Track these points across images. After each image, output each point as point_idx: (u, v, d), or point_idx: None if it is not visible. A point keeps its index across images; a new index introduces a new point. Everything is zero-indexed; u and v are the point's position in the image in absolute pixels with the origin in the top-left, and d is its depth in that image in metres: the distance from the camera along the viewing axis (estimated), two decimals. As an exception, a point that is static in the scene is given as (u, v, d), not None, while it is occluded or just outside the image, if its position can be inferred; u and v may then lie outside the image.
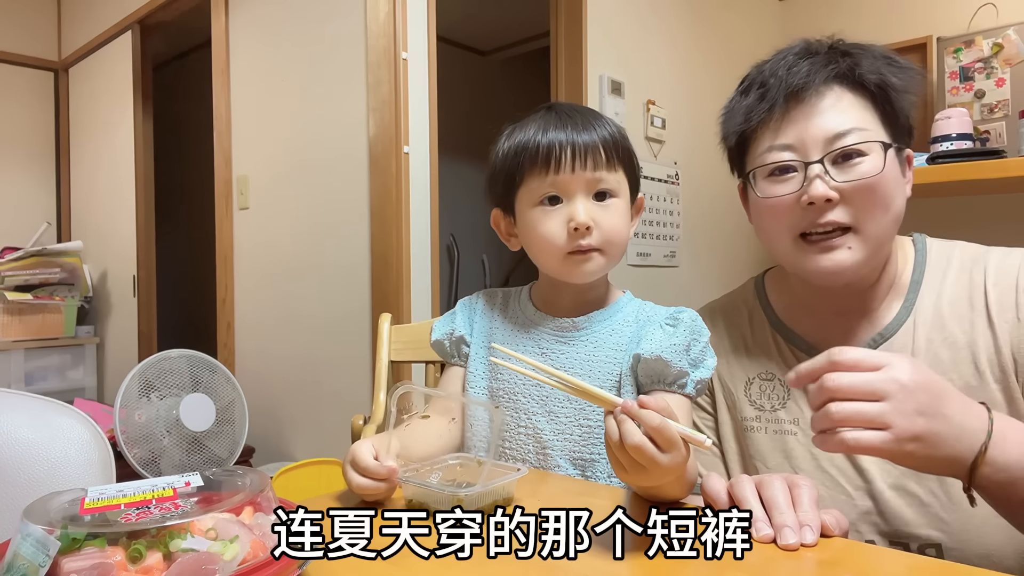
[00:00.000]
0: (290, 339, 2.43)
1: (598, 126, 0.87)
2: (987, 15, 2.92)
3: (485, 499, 0.67)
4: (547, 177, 0.85)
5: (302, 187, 2.36)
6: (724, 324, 0.99)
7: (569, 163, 0.84)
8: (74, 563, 0.45)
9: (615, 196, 0.87)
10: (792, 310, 0.94)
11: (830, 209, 0.79)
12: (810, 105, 0.80)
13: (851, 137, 0.79)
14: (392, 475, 0.70)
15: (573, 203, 0.85)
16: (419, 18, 2.03)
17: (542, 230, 0.87)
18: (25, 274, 3.16)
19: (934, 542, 0.79)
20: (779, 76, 0.82)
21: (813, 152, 0.79)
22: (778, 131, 0.82)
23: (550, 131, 0.85)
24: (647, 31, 2.84)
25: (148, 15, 3.15)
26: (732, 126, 0.88)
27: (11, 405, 0.86)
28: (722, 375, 0.96)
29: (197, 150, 3.69)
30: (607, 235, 0.86)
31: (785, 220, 0.82)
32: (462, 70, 4.34)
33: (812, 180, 0.78)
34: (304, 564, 0.50)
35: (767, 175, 0.84)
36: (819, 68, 0.81)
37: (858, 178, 0.78)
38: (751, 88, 0.86)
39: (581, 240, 0.84)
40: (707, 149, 3.24)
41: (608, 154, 0.86)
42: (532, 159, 0.86)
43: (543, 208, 0.86)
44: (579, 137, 0.84)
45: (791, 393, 0.89)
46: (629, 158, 0.91)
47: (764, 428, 0.91)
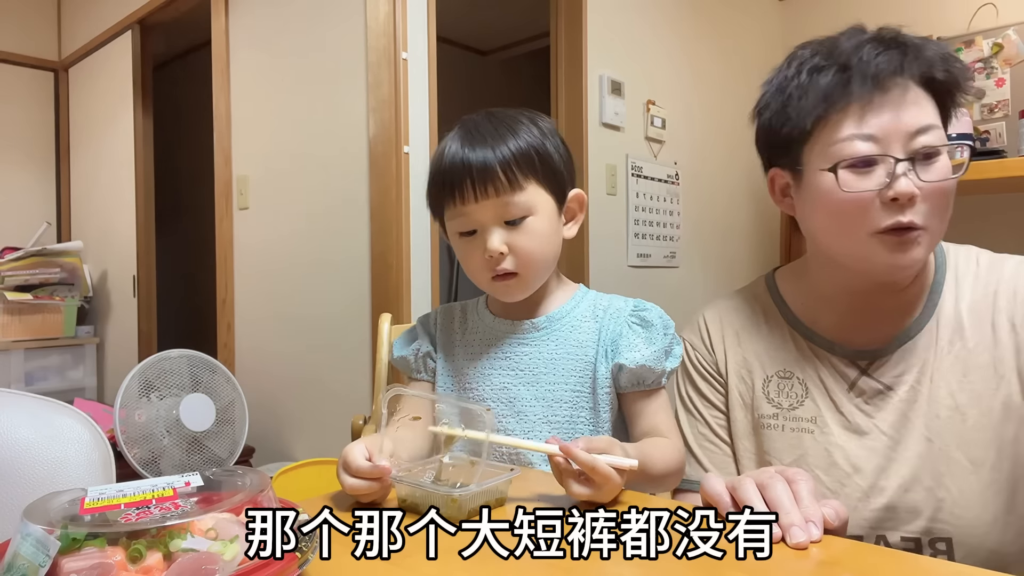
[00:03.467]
0: (290, 339, 2.43)
1: (504, 142, 0.85)
2: (987, 15, 2.92)
3: (479, 499, 0.67)
4: (456, 208, 0.87)
5: (302, 187, 2.36)
6: (739, 321, 0.98)
7: (471, 194, 0.85)
8: (74, 563, 0.45)
9: (529, 215, 0.86)
10: (810, 308, 0.92)
11: (911, 207, 0.76)
12: (894, 97, 0.77)
13: (932, 135, 0.77)
14: (385, 475, 0.70)
15: (485, 232, 0.86)
16: (419, 18, 2.03)
17: (464, 261, 0.91)
18: (25, 274, 3.16)
19: (945, 536, 0.80)
20: (865, 61, 0.77)
21: (894, 145, 0.76)
22: (861, 119, 0.77)
23: (454, 160, 0.86)
24: (647, 31, 2.84)
25: (148, 15, 3.15)
26: (805, 107, 0.80)
27: (11, 405, 0.86)
28: (739, 372, 0.95)
29: (197, 150, 3.69)
30: (523, 259, 0.87)
31: (861, 215, 0.78)
32: (462, 70, 4.34)
33: (899, 177, 0.75)
34: (304, 564, 0.50)
35: (849, 165, 0.78)
36: (909, 60, 0.77)
37: (940, 179, 0.76)
38: (823, 69, 0.79)
39: (497, 267, 0.87)
40: (707, 149, 3.25)
41: (511, 175, 0.84)
42: (440, 193, 0.88)
43: (462, 239, 0.89)
44: (480, 164, 0.84)
45: (809, 391, 0.89)
46: (547, 166, 0.88)
47: (781, 426, 0.90)
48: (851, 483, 0.84)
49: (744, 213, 3.41)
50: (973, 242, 0.90)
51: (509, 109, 0.93)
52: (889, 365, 0.85)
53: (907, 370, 0.84)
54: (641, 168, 2.77)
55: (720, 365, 0.97)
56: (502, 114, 0.90)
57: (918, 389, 0.83)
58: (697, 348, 1.00)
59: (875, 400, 0.85)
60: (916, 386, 0.83)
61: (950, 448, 0.81)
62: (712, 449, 0.96)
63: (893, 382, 0.84)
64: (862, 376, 0.86)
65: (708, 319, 1.01)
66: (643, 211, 2.79)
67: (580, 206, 0.94)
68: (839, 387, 0.87)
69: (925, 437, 0.82)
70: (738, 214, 3.37)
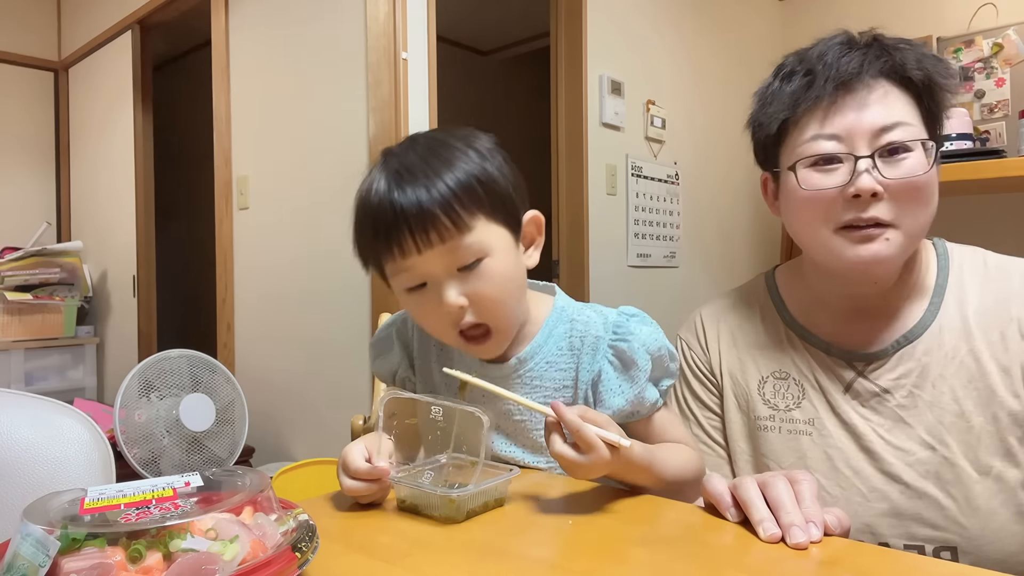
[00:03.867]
0: (290, 339, 2.43)
1: (439, 177, 0.73)
2: (987, 15, 2.92)
3: (478, 500, 0.67)
4: (397, 264, 0.76)
5: (302, 187, 2.36)
6: (735, 321, 0.97)
7: (412, 245, 0.73)
8: (74, 563, 0.45)
9: (484, 256, 0.75)
10: (808, 308, 0.92)
11: (874, 203, 0.77)
12: (859, 97, 0.79)
13: (898, 132, 0.78)
14: (384, 476, 0.69)
15: (437, 285, 0.75)
16: (419, 18, 2.03)
17: (420, 319, 0.81)
18: (25, 274, 3.16)
19: (950, 545, 0.79)
20: (828, 64, 0.79)
21: (860, 144, 0.78)
22: (825, 120, 0.80)
23: (383, 204, 0.74)
24: (647, 31, 2.84)
25: (148, 15, 3.15)
26: (773, 112, 0.84)
27: (11, 405, 0.86)
28: (734, 373, 0.94)
29: (197, 150, 3.69)
30: (487, 307, 0.76)
31: (826, 212, 0.80)
32: (462, 70, 4.34)
33: (860, 173, 0.77)
34: (304, 564, 0.50)
35: (810, 164, 0.80)
36: (871, 60, 0.79)
37: (905, 175, 0.77)
38: (794, 74, 0.82)
39: (461, 322, 0.77)
40: (707, 149, 3.25)
41: (454, 216, 0.72)
42: (373, 244, 0.78)
43: (412, 295, 0.78)
44: (415, 208, 0.72)
45: (806, 392, 0.88)
46: (493, 194, 0.76)
47: (778, 428, 0.89)
48: (852, 487, 0.83)
49: (744, 213, 3.41)
50: (973, 242, 0.90)
51: (437, 133, 0.82)
52: (887, 368, 0.84)
53: (906, 374, 0.83)
54: (641, 168, 2.77)
55: (714, 365, 0.96)
56: (431, 142, 0.78)
57: (917, 394, 0.82)
58: (692, 348, 0.99)
59: (872, 403, 0.84)
60: (915, 391, 0.82)
61: (955, 455, 0.80)
62: (705, 451, 0.95)
63: (891, 386, 0.83)
64: (858, 378, 0.85)
65: (704, 318, 1.00)
66: (643, 211, 2.79)
67: (538, 228, 0.83)
68: (835, 389, 0.86)
69: (928, 443, 0.81)
70: (738, 214, 3.37)
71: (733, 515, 0.63)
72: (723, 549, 0.60)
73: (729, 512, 0.63)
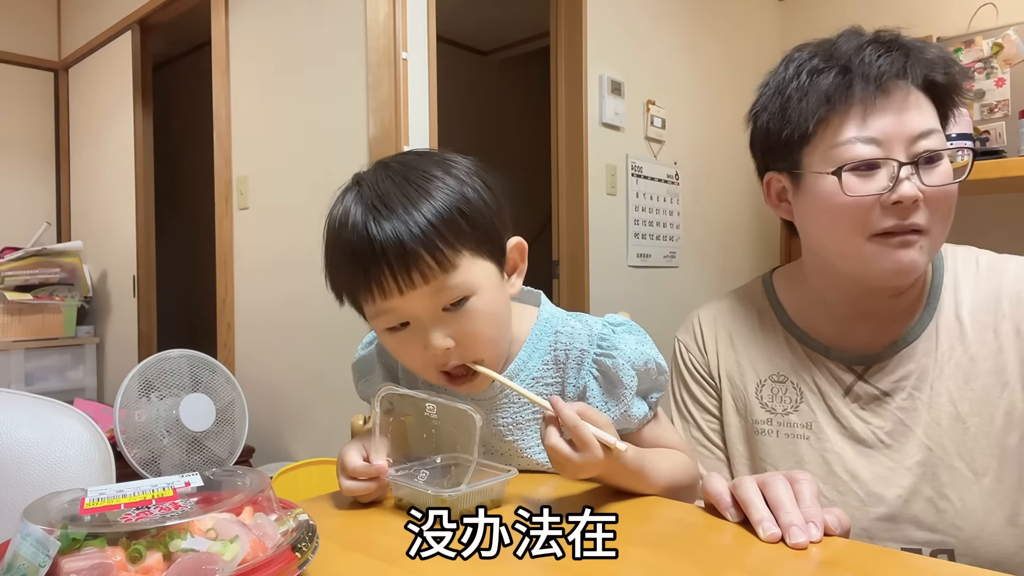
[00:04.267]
0: (290, 339, 2.43)
1: (419, 211, 0.67)
2: (987, 15, 2.92)
3: (472, 500, 0.67)
4: (376, 306, 0.71)
5: (302, 187, 2.36)
6: (733, 323, 0.97)
7: (394, 287, 0.68)
8: (74, 563, 0.45)
9: (470, 295, 0.70)
10: (806, 311, 0.91)
11: (914, 211, 0.76)
12: (897, 100, 0.76)
13: (933, 139, 0.76)
14: (381, 474, 0.69)
15: (421, 327, 0.71)
16: (419, 18, 2.03)
17: (401, 358, 0.77)
18: (25, 274, 3.16)
19: (946, 548, 0.79)
20: (867, 63, 0.76)
21: (897, 149, 0.76)
22: (863, 122, 0.77)
23: (361, 239, 0.68)
24: (647, 31, 2.84)
25: (148, 15, 3.15)
26: (805, 109, 0.79)
27: (11, 405, 0.86)
28: (732, 376, 0.93)
29: (197, 150, 3.69)
30: (474, 347, 0.72)
31: (862, 219, 0.77)
32: (462, 70, 4.34)
33: (902, 180, 0.75)
34: (304, 564, 0.50)
35: (853, 168, 0.77)
36: (912, 64, 0.77)
37: (943, 183, 0.76)
38: (824, 71, 0.78)
39: (446, 364, 0.73)
40: (707, 149, 3.25)
41: (438, 255, 0.67)
42: (351, 285, 0.73)
43: (392, 334, 0.73)
44: (395, 246, 0.66)
45: (804, 396, 0.87)
46: (477, 226, 0.71)
47: (775, 432, 0.88)
48: (849, 491, 0.83)
49: (744, 213, 3.41)
50: (972, 243, 0.90)
51: (410, 157, 0.76)
52: (887, 371, 0.84)
53: (905, 376, 0.83)
54: (641, 168, 2.77)
55: (712, 368, 0.95)
56: (406, 169, 0.72)
57: (917, 396, 0.82)
58: (691, 349, 0.98)
59: (871, 406, 0.84)
60: (915, 393, 0.82)
61: (951, 457, 0.79)
62: (704, 453, 0.95)
63: (891, 388, 0.83)
64: (858, 381, 0.85)
65: (702, 320, 0.99)
66: (643, 211, 2.79)
67: (521, 256, 0.79)
68: (835, 392, 0.86)
69: (925, 446, 0.80)
70: (738, 214, 3.37)
71: (733, 515, 0.63)
72: (723, 549, 0.60)
73: (729, 512, 0.63)
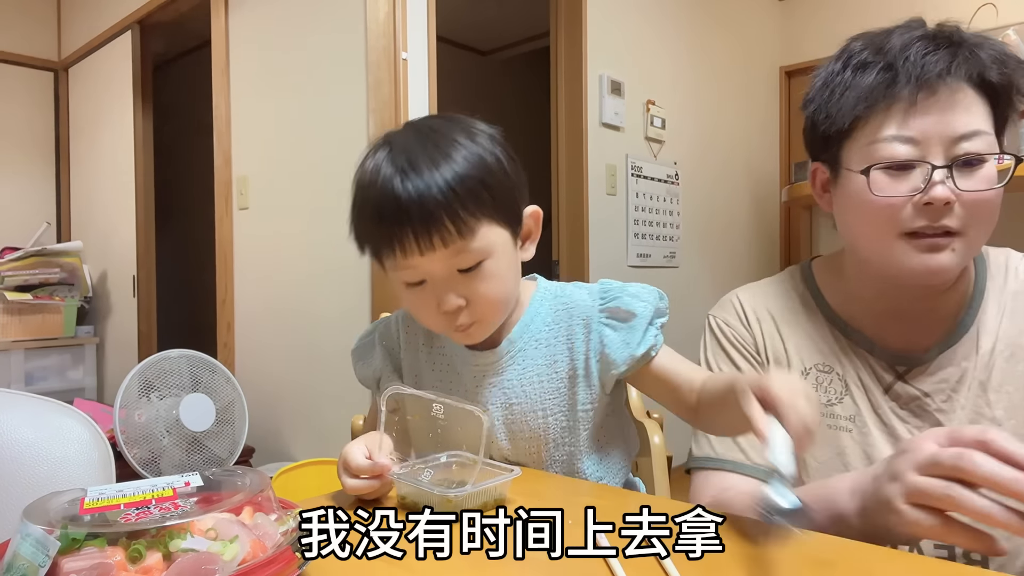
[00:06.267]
0: (290, 339, 2.43)
1: (444, 175, 0.72)
2: (987, 15, 2.92)
3: (476, 499, 0.67)
4: (397, 261, 0.76)
5: (302, 187, 2.36)
6: (775, 307, 0.93)
7: (415, 247, 0.73)
8: (74, 563, 0.45)
9: (486, 259, 0.76)
10: (849, 306, 0.89)
11: (946, 213, 0.74)
12: (941, 99, 0.74)
13: (976, 142, 0.74)
14: (385, 472, 0.69)
15: (436, 286, 0.76)
16: (419, 18, 2.04)
17: (414, 311, 0.82)
18: (25, 274, 3.16)
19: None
20: (912, 62, 0.74)
21: (935, 149, 0.74)
22: (903, 121, 0.75)
23: (387, 196, 0.73)
24: (647, 31, 2.84)
25: (148, 15, 3.15)
26: (846, 104, 0.78)
27: (11, 405, 0.86)
28: (779, 358, 0.90)
29: (197, 150, 3.69)
30: (483, 307, 0.78)
31: (893, 217, 0.76)
32: (462, 70, 4.34)
33: (935, 184, 0.73)
34: (304, 564, 0.50)
35: (884, 167, 0.76)
36: (959, 63, 0.74)
37: (980, 187, 0.74)
38: (869, 65, 0.77)
39: (456, 321, 0.78)
40: (707, 149, 3.25)
41: (459, 222, 0.73)
42: (374, 239, 0.78)
43: (410, 289, 0.79)
44: (418, 208, 0.72)
45: (849, 388, 0.85)
46: (498, 193, 0.76)
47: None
48: None
49: (744, 213, 3.41)
50: None
51: (439, 122, 0.80)
52: (928, 373, 0.82)
53: (946, 379, 0.82)
54: (641, 168, 2.77)
55: (760, 345, 0.92)
56: (434, 133, 0.77)
57: (955, 398, 0.81)
58: (732, 325, 0.94)
59: (911, 406, 0.83)
60: (953, 395, 0.81)
61: None
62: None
63: (931, 389, 0.82)
64: (898, 381, 0.84)
65: (742, 299, 0.95)
66: (643, 211, 2.79)
67: (536, 223, 0.84)
68: (876, 388, 0.85)
69: None
70: (738, 214, 3.37)
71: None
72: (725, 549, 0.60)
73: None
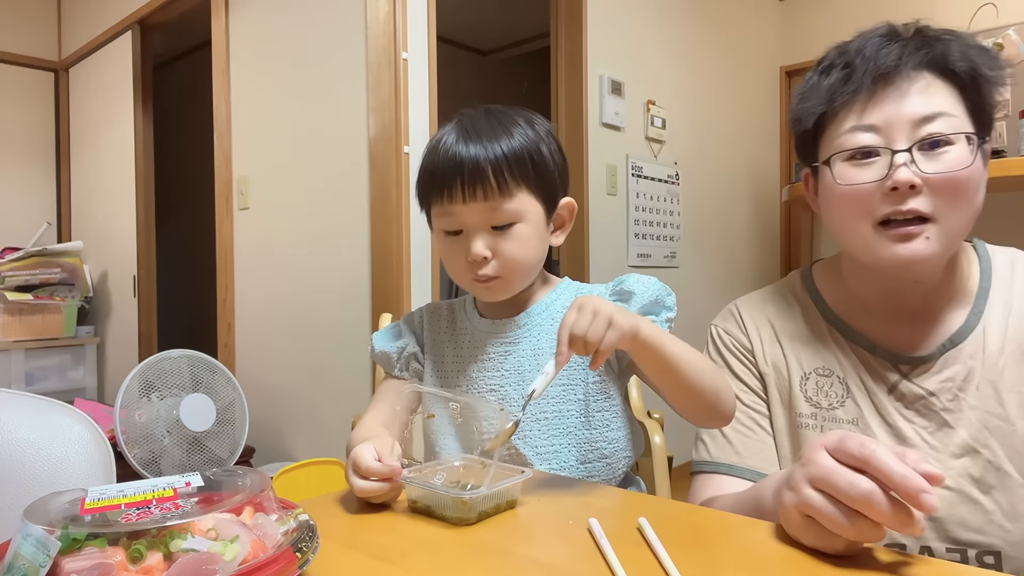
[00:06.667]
0: (290, 339, 2.43)
1: (499, 143, 0.84)
2: (987, 15, 2.92)
3: (489, 501, 0.67)
4: (443, 206, 0.87)
5: (302, 187, 2.36)
6: (774, 314, 0.94)
7: (460, 195, 0.84)
8: (74, 563, 0.45)
9: (517, 222, 0.86)
10: (849, 307, 0.89)
11: (912, 196, 0.75)
12: (899, 88, 0.77)
13: (939, 123, 0.75)
14: (396, 475, 0.69)
15: (470, 235, 0.86)
16: (419, 18, 2.04)
17: (446, 259, 0.91)
18: (25, 274, 3.16)
19: (994, 550, 0.77)
20: (867, 57, 0.78)
21: (898, 136, 0.76)
22: (863, 112, 0.78)
23: (447, 154, 0.85)
24: (647, 31, 2.84)
25: (148, 15, 3.15)
26: (811, 107, 0.82)
27: (11, 405, 0.86)
28: (777, 366, 0.91)
29: (197, 150, 3.69)
30: (506, 264, 0.87)
31: (863, 206, 0.78)
32: (462, 70, 4.34)
33: (898, 167, 0.75)
34: (304, 564, 0.50)
35: (847, 158, 0.79)
36: (911, 52, 0.77)
37: (946, 170, 0.75)
38: (833, 68, 0.81)
39: (479, 271, 0.87)
40: (707, 149, 3.25)
41: (501, 181, 0.84)
42: (429, 188, 0.88)
43: (447, 238, 0.89)
44: (471, 163, 0.83)
45: (850, 391, 0.85)
46: (540, 172, 0.87)
47: (820, 427, 0.86)
48: None
49: (744, 213, 3.41)
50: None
51: (508, 108, 0.92)
52: (932, 372, 0.82)
53: (951, 377, 0.81)
54: (641, 168, 2.77)
55: (758, 355, 0.93)
56: (500, 113, 0.89)
57: (961, 397, 0.81)
58: (732, 333, 0.96)
59: (916, 406, 0.82)
60: (959, 394, 0.81)
61: (999, 459, 0.78)
62: (745, 432, 0.90)
63: (936, 388, 0.82)
64: (903, 380, 0.83)
65: (742, 308, 0.97)
66: (643, 211, 2.79)
67: (570, 215, 0.94)
68: (880, 390, 0.84)
69: (971, 447, 0.79)
70: (738, 214, 3.37)
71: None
72: (724, 549, 0.60)
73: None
